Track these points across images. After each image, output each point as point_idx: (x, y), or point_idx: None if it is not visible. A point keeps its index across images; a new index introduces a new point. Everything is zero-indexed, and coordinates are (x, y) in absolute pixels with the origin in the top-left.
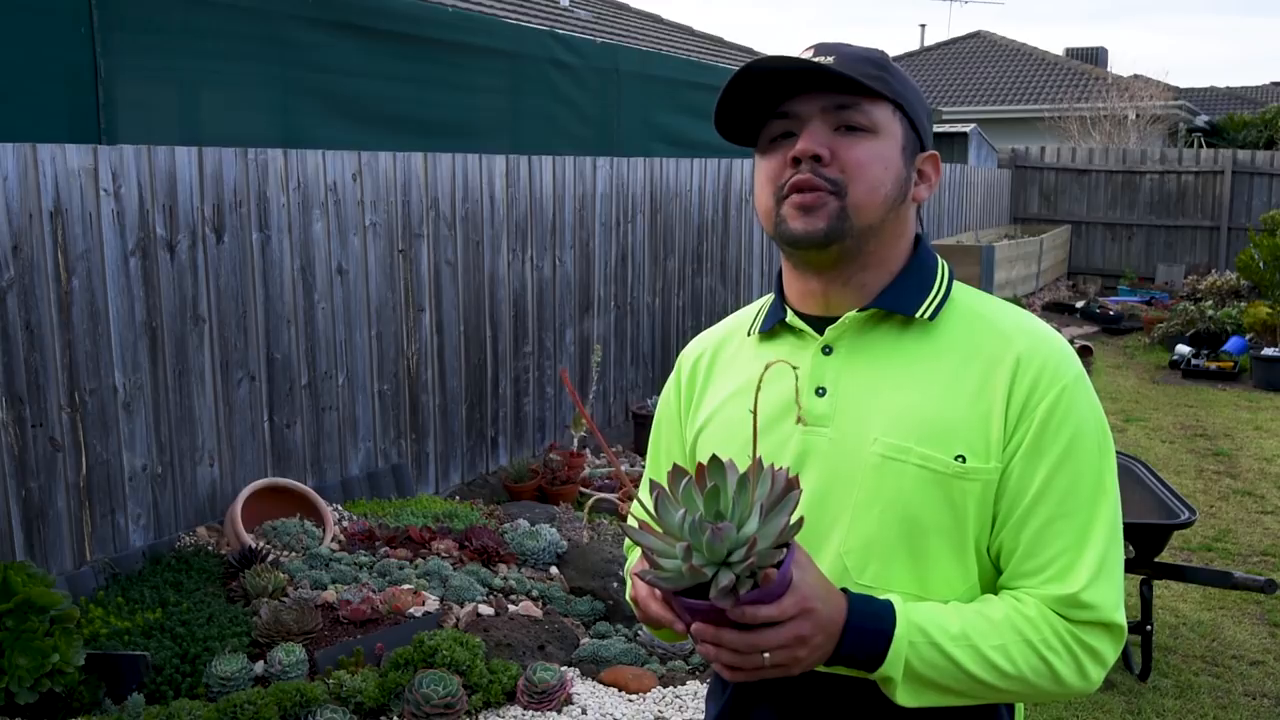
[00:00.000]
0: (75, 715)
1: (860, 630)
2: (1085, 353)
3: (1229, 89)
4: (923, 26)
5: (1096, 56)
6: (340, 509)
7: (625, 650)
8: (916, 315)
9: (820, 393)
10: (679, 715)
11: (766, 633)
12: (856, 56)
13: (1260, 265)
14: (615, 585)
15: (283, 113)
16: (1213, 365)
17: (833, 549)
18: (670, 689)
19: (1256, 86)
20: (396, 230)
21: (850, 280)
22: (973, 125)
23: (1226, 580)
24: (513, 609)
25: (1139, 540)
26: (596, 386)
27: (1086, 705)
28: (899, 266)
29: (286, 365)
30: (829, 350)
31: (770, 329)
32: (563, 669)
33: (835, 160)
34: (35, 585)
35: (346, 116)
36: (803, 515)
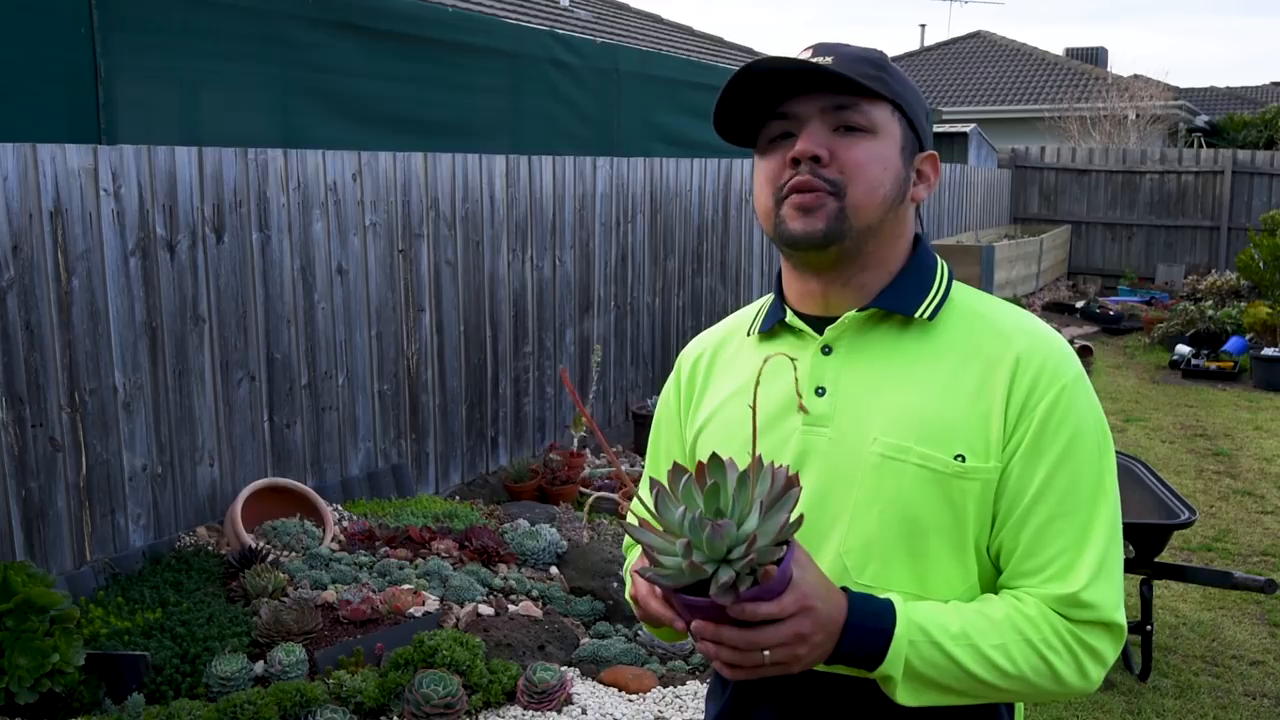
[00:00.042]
0: (75, 715)
1: (860, 629)
2: (1085, 353)
3: (1229, 89)
4: (923, 26)
5: (1096, 56)
6: (340, 509)
7: (625, 650)
8: (916, 315)
9: (820, 392)
10: (679, 715)
11: (766, 630)
12: (855, 57)
13: (1260, 265)
14: (615, 585)
15: (283, 113)
16: (1213, 365)
17: (832, 548)
18: (670, 689)
19: (1256, 86)
20: (396, 230)
21: (850, 280)
22: (973, 125)
23: (1226, 580)
24: (513, 609)
25: (1139, 540)
26: (596, 386)
27: (1086, 705)
28: (898, 266)
29: (286, 365)
30: (828, 350)
31: (770, 329)
32: (563, 669)
33: (834, 161)
34: (35, 585)
35: (346, 116)
36: (802, 513)
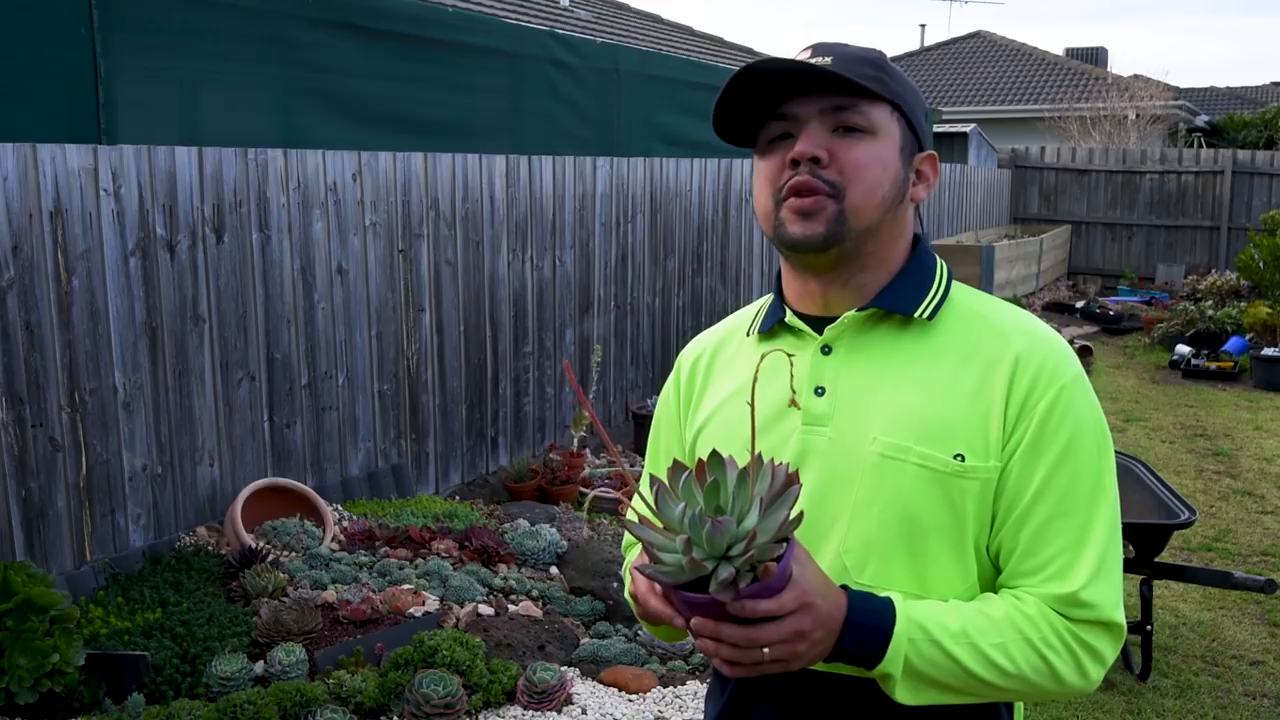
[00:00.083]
0: (75, 715)
1: (860, 627)
2: (1085, 353)
3: (1229, 89)
4: (923, 26)
5: (1096, 56)
6: (340, 509)
7: (625, 650)
8: (915, 315)
9: (819, 392)
10: (679, 715)
11: (766, 627)
12: (854, 57)
13: (1260, 265)
14: (615, 585)
15: (283, 113)
16: (1213, 365)
17: (832, 548)
18: (670, 689)
19: (1256, 86)
20: (396, 230)
21: (849, 281)
22: (973, 125)
23: (1226, 580)
24: (513, 609)
25: (1139, 540)
26: (596, 386)
27: (1086, 705)
28: (898, 266)
29: (286, 365)
30: (828, 350)
31: (769, 329)
32: (563, 669)
33: (834, 162)
34: (35, 585)
35: (346, 116)
36: (802, 510)
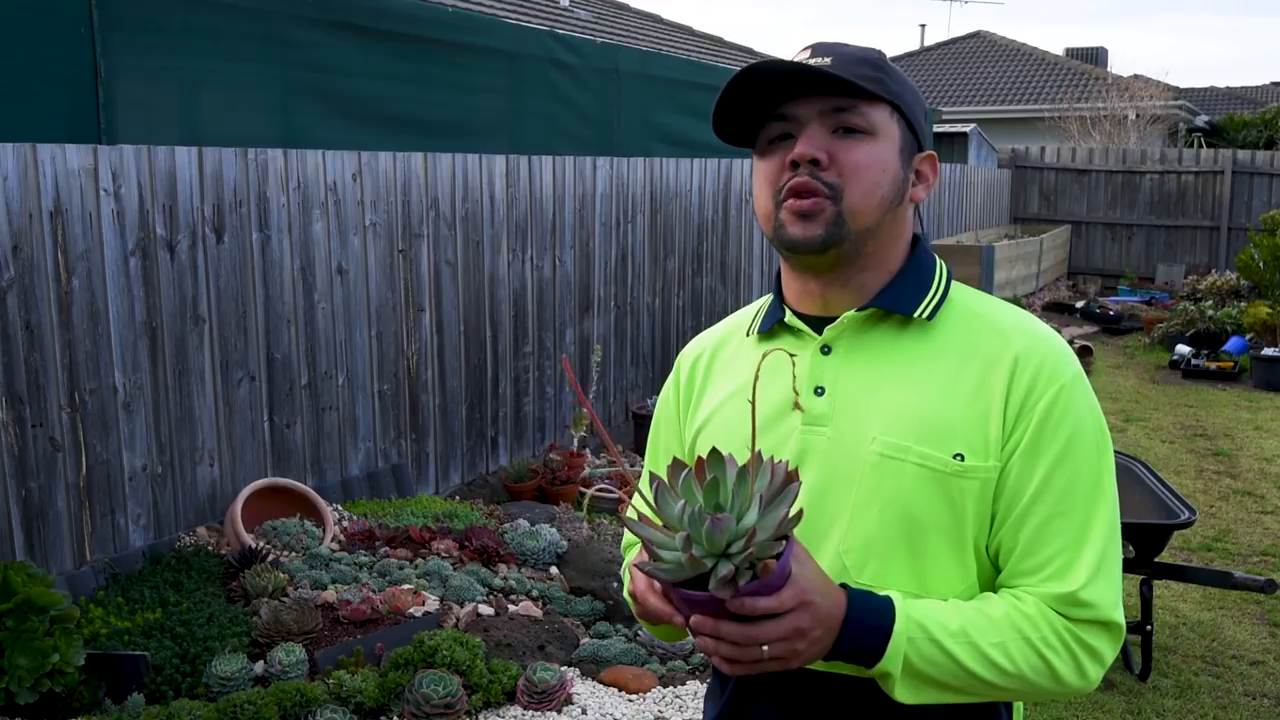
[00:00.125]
0: (75, 715)
1: (859, 625)
2: (1085, 353)
3: (1229, 89)
4: (923, 26)
5: (1096, 56)
6: (340, 509)
7: (625, 650)
8: (915, 315)
9: (819, 392)
10: (679, 715)
11: (765, 625)
12: (854, 58)
13: (1260, 265)
14: (615, 585)
15: (283, 113)
16: (1213, 365)
17: (832, 548)
18: (670, 689)
19: (1256, 86)
20: (396, 230)
21: (849, 281)
22: (973, 125)
23: (1226, 580)
24: (513, 609)
25: (1139, 540)
26: (596, 386)
27: (1086, 705)
28: (897, 266)
29: (286, 365)
30: (827, 350)
31: (769, 329)
32: (563, 669)
33: (833, 164)
34: (35, 585)
35: (346, 116)
36: (802, 508)
